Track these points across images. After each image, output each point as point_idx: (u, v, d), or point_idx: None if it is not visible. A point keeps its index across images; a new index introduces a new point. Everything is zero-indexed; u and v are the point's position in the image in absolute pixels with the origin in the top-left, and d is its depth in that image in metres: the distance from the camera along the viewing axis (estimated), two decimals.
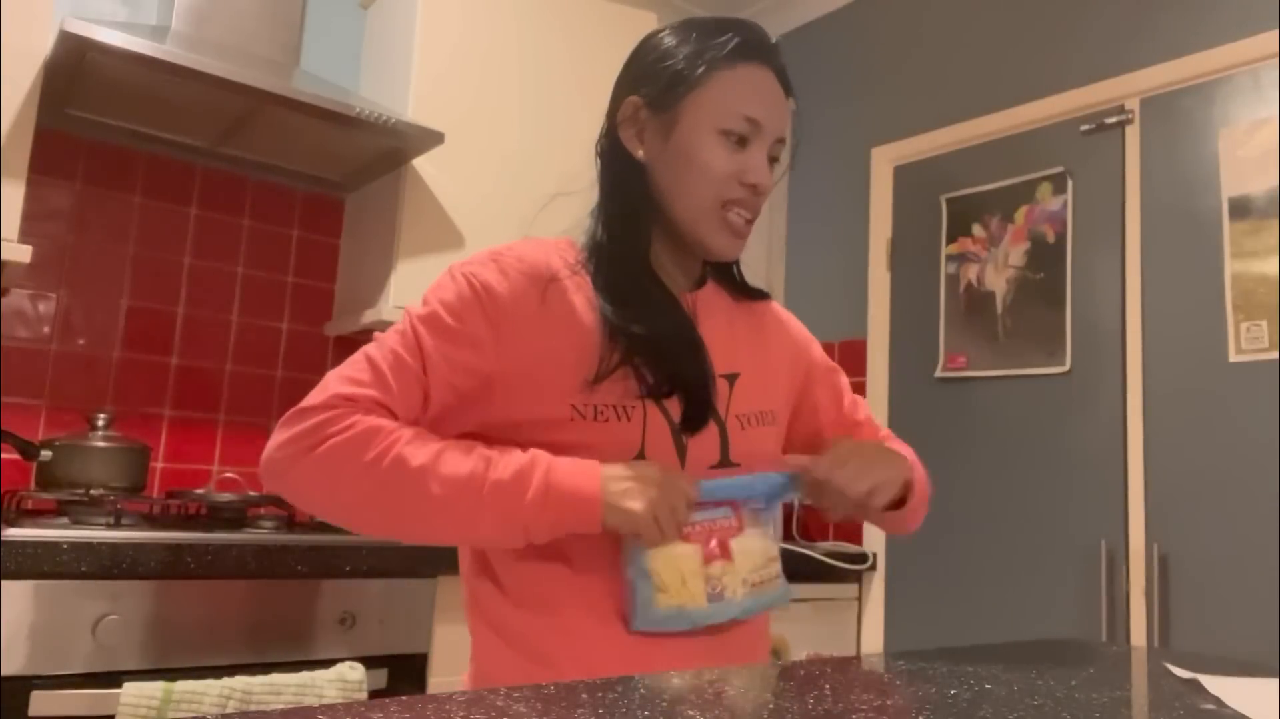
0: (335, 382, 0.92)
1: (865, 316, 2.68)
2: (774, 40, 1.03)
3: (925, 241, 2.56)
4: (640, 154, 1.01)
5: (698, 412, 0.97)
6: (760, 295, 1.14)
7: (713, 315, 1.06)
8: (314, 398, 0.91)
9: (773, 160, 1.03)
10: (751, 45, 1.00)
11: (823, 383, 1.17)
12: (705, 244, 1.01)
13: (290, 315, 2.38)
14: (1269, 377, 1.88)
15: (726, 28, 1.01)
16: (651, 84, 1.01)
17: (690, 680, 0.70)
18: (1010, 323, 2.33)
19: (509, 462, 0.88)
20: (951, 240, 2.49)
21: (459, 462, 0.87)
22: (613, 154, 1.03)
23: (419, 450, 0.87)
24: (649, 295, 0.99)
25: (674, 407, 0.97)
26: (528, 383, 0.94)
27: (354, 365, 0.93)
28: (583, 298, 0.97)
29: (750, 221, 1.02)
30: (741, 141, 0.99)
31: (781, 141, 1.03)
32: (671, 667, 0.92)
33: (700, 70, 0.98)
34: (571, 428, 0.93)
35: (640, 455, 0.94)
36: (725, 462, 1.00)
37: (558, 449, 0.93)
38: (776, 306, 1.18)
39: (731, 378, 1.03)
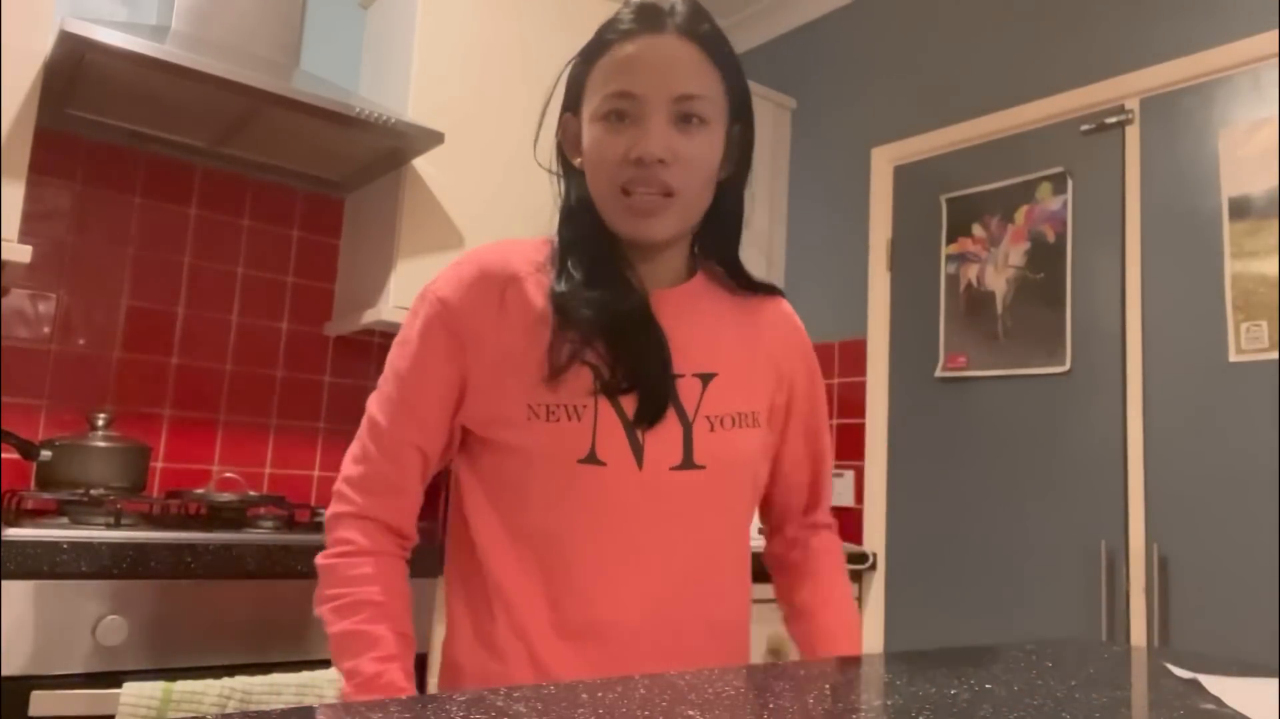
0: (343, 485, 1.00)
1: (865, 317, 2.68)
2: (680, 7, 0.98)
3: (925, 241, 2.56)
4: (578, 162, 1.03)
5: (652, 406, 0.95)
6: (765, 290, 1.11)
7: (693, 311, 1.03)
8: (335, 506, 1.00)
9: (690, 120, 0.96)
10: (626, 22, 0.97)
11: (802, 422, 1.12)
12: (619, 232, 0.98)
13: (290, 315, 2.38)
14: (1269, 377, 1.88)
15: (616, 16, 1.00)
16: (568, 94, 1.05)
17: (690, 680, 0.69)
18: (1010, 323, 2.33)
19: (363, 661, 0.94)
20: (951, 240, 2.49)
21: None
22: (559, 166, 1.08)
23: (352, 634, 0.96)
24: (602, 286, 0.97)
25: (631, 404, 0.95)
26: (491, 383, 0.96)
27: (356, 457, 1.00)
28: (544, 296, 0.98)
29: (663, 195, 0.95)
30: (621, 118, 0.95)
31: (690, 98, 0.95)
32: (618, 671, 0.92)
33: (583, 68, 1.01)
34: (526, 429, 0.94)
35: (592, 455, 0.94)
36: (688, 463, 0.97)
37: (511, 451, 0.95)
38: (782, 306, 1.13)
39: (707, 377, 1.01)
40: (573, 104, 1.04)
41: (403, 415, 0.98)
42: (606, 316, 0.96)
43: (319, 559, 0.99)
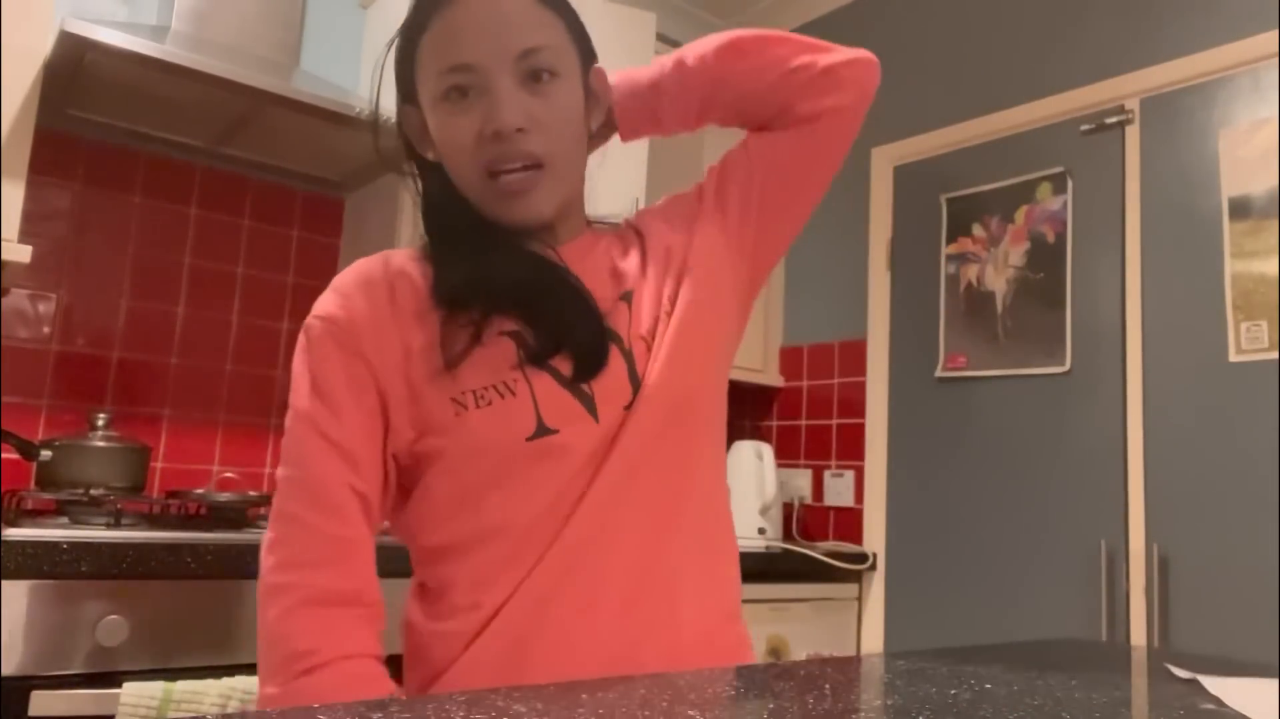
0: (277, 575, 0.81)
1: (865, 316, 2.68)
2: None
3: (925, 241, 2.56)
4: (431, 155, 0.92)
5: (591, 358, 0.85)
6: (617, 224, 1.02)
7: (594, 253, 0.94)
8: (274, 604, 0.79)
9: (539, 77, 0.86)
10: None
11: (723, 179, 1.02)
12: (496, 220, 0.88)
13: (290, 315, 2.38)
14: (1269, 377, 1.88)
15: None
16: (400, 84, 0.94)
17: (690, 680, 0.70)
18: (1010, 323, 2.33)
19: None
20: (951, 240, 2.50)
21: None
22: (411, 165, 0.97)
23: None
24: (491, 251, 0.88)
25: (565, 363, 0.84)
26: (407, 393, 0.84)
27: (279, 540, 0.82)
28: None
29: (532, 168, 0.85)
30: (464, 94, 0.85)
31: (534, 51, 0.85)
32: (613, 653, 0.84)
33: (407, 51, 0.90)
34: (458, 426, 0.82)
35: (541, 427, 0.82)
36: (638, 394, 0.86)
37: (451, 455, 0.83)
38: (645, 210, 1.04)
39: (627, 295, 0.91)
40: (408, 93, 0.92)
41: (326, 459, 0.82)
42: (508, 278, 0.87)
43: (272, 689, 0.78)
